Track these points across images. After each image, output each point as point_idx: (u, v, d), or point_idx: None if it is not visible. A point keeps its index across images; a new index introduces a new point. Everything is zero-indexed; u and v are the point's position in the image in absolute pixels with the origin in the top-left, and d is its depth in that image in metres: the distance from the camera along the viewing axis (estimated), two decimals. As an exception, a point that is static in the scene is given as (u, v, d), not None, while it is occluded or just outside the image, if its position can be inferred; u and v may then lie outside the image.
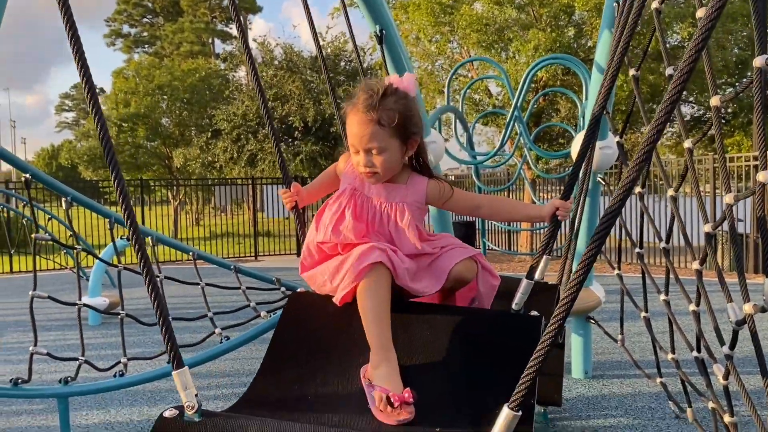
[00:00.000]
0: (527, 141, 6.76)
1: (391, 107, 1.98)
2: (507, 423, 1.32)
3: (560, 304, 1.32)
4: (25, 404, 3.98)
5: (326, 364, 1.90)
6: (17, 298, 8.89)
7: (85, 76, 1.54)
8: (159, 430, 1.46)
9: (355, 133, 2.00)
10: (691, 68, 1.22)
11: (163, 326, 1.52)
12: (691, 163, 2.22)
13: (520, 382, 1.33)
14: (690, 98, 16.38)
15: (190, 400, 1.48)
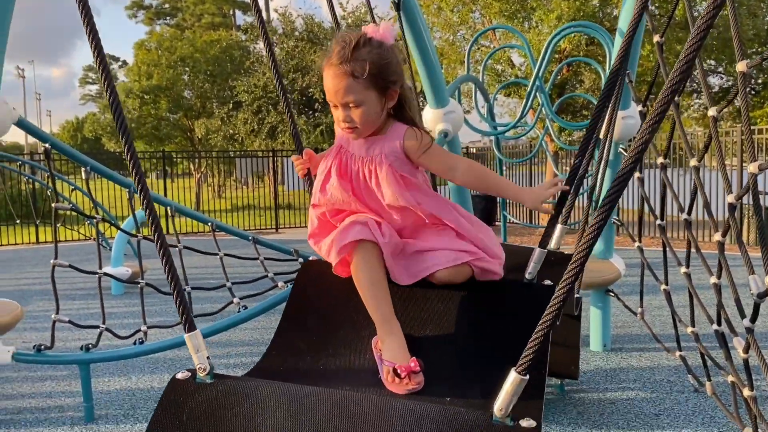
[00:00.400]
0: (549, 112, 6.65)
1: (364, 57, 1.89)
2: (514, 387, 1.31)
3: (568, 270, 1.29)
4: (49, 370, 4.06)
5: (338, 333, 1.91)
6: (42, 268, 9.05)
7: (96, 48, 1.53)
8: (171, 392, 1.48)
9: (330, 87, 1.93)
10: (709, 25, 1.16)
11: (175, 290, 1.54)
12: (715, 133, 2.16)
13: (527, 347, 1.32)
14: (719, 68, 16.01)
15: (202, 363, 1.50)
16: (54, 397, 3.60)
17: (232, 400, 1.43)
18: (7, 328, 3.08)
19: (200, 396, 1.45)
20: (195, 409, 1.42)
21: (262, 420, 1.38)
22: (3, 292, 6.67)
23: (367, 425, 1.34)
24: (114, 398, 3.56)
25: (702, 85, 2.31)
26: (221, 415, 1.40)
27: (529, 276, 2.02)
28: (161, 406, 1.44)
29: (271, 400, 1.42)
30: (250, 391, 1.46)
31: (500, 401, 1.32)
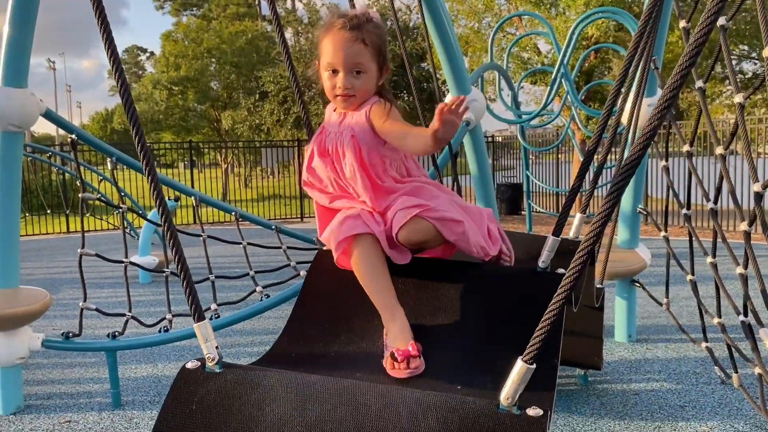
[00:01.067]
0: (574, 99, 6.56)
1: (372, 30, 1.98)
2: (521, 375, 1.31)
3: (575, 258, 1.28)
4: (78, 357, 4.15)
5: (350, 321, 1.92)
6: (72, 257, 9.21)
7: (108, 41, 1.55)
8: (181, 381, 1.50)
9: (336, 51, 1.95)
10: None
11: (184, 280, 1.57)
12: (741, 119, 2.11)
13: (534, 335, 1.31)
14: (753, 54, 15.61)
15: (211, 352, 1.52)
16: (82, 383, 3.68)
17: (240, 390, 1.45)
18: (36, 315, 3.15)
19: (209, 385, 1.47)
20: (204, 398, 1.45)
21: (270, 409, 1.40)
22: (34, 281, 6.83)
23: (372, 414, 1.35)
24: (140, 385, 3.63)
25: (729, 70, 2.26)
26: (230, 404, 1.42)
27: (543, 264, 2.00)
28: (171, 395, 1.47)
29: (279, 389, 1.43)
30: (258, 380, 1.47)
31: (506, 390, 1.31)
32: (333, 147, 2.04)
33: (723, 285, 2.70)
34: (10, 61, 2.99)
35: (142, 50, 60.02)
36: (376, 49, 1.99)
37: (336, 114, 2.12)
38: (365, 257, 1.91)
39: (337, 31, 1.97)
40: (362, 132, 2.00)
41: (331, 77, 2.01)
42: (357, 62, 1.96)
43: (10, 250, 3.20)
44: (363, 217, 1.94)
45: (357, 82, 1.98)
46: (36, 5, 2.96)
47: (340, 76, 1.97)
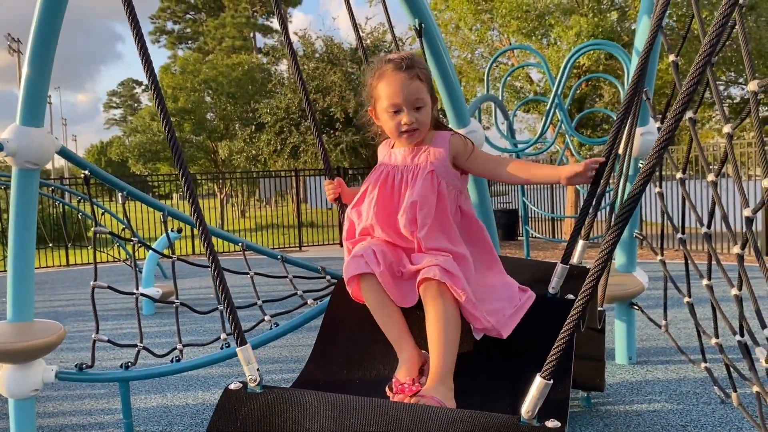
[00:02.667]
0: (568, 128, 6.72)
1: (422, 67, 2.14)
2: (539, 390, 1.42)
3: (586, 282, 1.39)
4: (87, 389, 4.20)
5: (371, 350, 2.01)
6: (74, 290, 9.28)
7: (151, 76, 1.66)
8: (226, 400, 1.61)
9: (397, 92, 2.08)
10: (711, 54, 1.26)
11: (228, 308, 1.70)
12: (730, 149, 2.23)
13: (551, 353, 1.42)
14: (740, 80, 15.92)
15: (253, 374, 1.64)
16: (94, 414, 3.73)
17: (281, 407, 1.54)
18: (51, 348, 3.21)
19: (252, 404, 1.57)
20: (248, 416, 1.55)
21: (309, 425, 1.49)
22: (38, 314, 6.84)
23: (404, 427, 1.45)
24: (151, 415, 3.68)
25: (717, 103, 2.38)
26: (272, 420, 1.52)
27: (552, 290, 2.11)
28: (217, 413, 1.57)
29: (317, 406, 1.53)
30: (297, 399, 1.58)
31: (527, 404, 1.43)
32: (401, 178, 2.15)
33: (719, 306, 2.79)
34: (28, 101, 3.11)
35: (137, 83, 60.55)
36: (428, 83, 2.15)
37: (401, 150, 2.22)
38: (371, 295, 2.04)
39: (392, 74, 2.11)
40: (442, 166, 2.13)
41: (394, 116, 2.13)
42: (417, 98, 2.10)
43: (26, 285, 3.28)
44: (366, 257, 2.04)
45: (419, 116, 2.11)
46: (54, 47, 3.08)
47: (404, 113, 2.10)
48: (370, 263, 2.02)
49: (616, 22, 12.42)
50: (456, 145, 2.17)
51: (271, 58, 25.74)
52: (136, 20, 1.77)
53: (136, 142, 28.75)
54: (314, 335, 5.78)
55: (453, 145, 2.16)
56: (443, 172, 2.12)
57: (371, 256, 2.04)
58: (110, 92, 62.36)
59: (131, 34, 1.78)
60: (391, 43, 19.22)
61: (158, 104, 1.75)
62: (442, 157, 2.14)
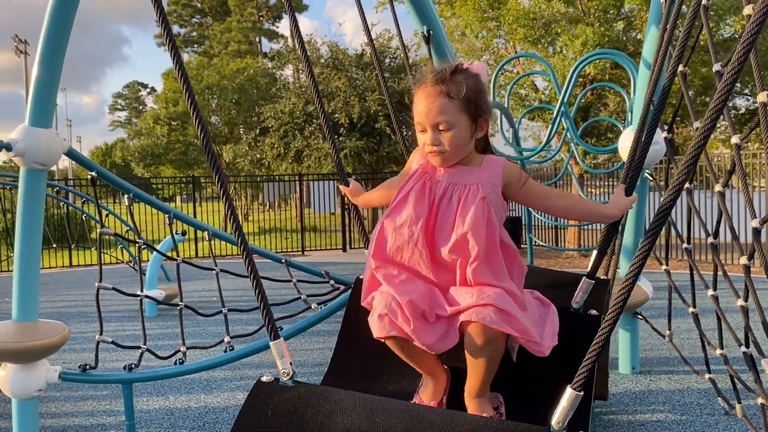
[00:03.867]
0: (574, 136, 6.73)
1: (460, 81, 1.88)
2: (570, 402, 1.45)
3: (616, 298, 1.41)
4: (90, 390, 4.20)
5: (390, 359, 1.97)
6: (77, 291, 9.29)
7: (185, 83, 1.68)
8: (257, 392, 1.63)
9: (421, 109, 1.90)
10: (739, 70, 1.26)
11: (262, 302, 1.73)
12: (738, 159, 2.23)
13: (582, 365, 1.44)
14: (745, 90, 15.92)
15: (285, 368, 1.66)
16: (96, 415, 3.73)
17: (312, 401, 1.57)
18: (55, 348, 3.22)
19: (283, 396, 1.60)
20: (279, 407, 1.58)
21: (341, 419, 1.52)
22: (41, 315, 6.86)
23: (436, 428, 1.47)
24: (153, 417, 3.68)
25: (725, 114, 2.39)
26: (303, 412, 1.54)
27: (576, 305, 2.11)
28: (248, 403, 1.60)
29: (349, 403, 1.56)
30: (328, 393, 1.61)
31: (558, 415, 1.45)
32: (444, 194, 1.94)
33: (724, 316, 2.79)
34: (38, 102, 3.12)
35: (143, 86, 60.78)
36: (465, 100, 1.87)
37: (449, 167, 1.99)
38: (402, 352, 1.88)
39: (423, 87, 1.92)
40: (494, 193, 1.92)
41: (421, 135, 1.95)
42: (440, 119, 1.87)
43: (31, 284, 3.29)
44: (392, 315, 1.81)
45: (444, 139, 1.88)
46: (64, 47, 3.10)
47: (428, 133, 1.91)
48: (398, 323, 1.80)
49: (622, 32, 12.45)
50: (510, 173, 1.96)
51: (277, 62, 25.81)
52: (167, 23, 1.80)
53: (139, 145, 28.87)
54: (317, 339, 5.79)
55: (507, 173, 1.95)
56: (494, 200, 1.91)
57: (398, 313, 1.81)
58: (115, 94, 62.65)
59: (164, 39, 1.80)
60: (397, 49, 19.27)
61: (193, 110, 1.76)
62: (495, 183, 1.93)
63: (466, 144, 1.93)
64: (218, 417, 3.64)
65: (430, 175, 1.98)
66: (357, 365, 2.02)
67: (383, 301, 1.85)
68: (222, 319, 3.87)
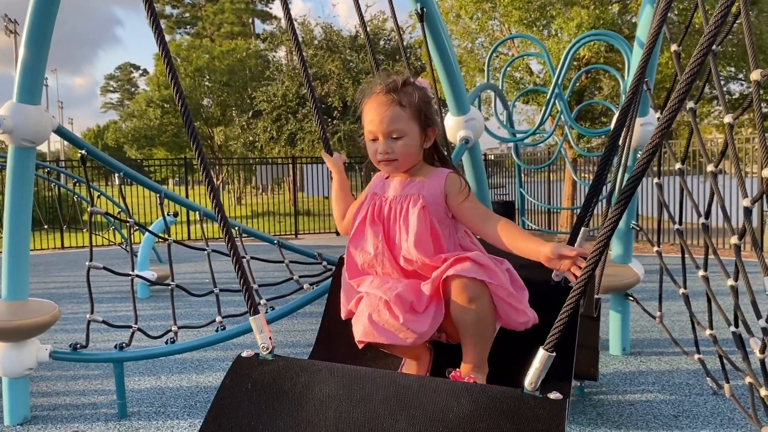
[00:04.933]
0: (568, 119, 6.72)
1: (411, 92, 1.92)
2: (542, 363, 1.45)
3: (588, 259, 1.42)
4: (81, 369, 4.20)
5: None
6: (69, 272, 9.26)
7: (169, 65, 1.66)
8: (238, 366, 1.64)
9: (373, 117, 1.91)
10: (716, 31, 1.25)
11: (242, 278, 1.73)
12: (731, 139, 2.23)
13: (553, 326, 1.44)
14: (740, 75, 15.92)
15: (265, 342, 1.68)
16: (87, 395, 3.73)
17: (291, 373, 1.59)
18: (45, 327, 3.21)
19: (263, 369, 1.61)
20: (259, 380, 1.59)
21: (319, 389, 1.53)
22: (32, 296, 6.85)
23: (412, 393, 1.49)
24: (144, 396, 3.68)
25: (718, 92, 2.38)
26: (282, 384, 1.56)
27: (557, 278, 2.11)
28: (228, 376, 1.62)
29: (327, 374, 1.58)
30: (307, 366, 1.62)
31: (530, 376, 1.46)
32: (390, 210, 1.96)
33: (714, 297, 2.80)
34: (25, 79, 3.09)
35: (135, 67, 60.28)
36: (416, 110, 1.92)
37: (394, 181, 2.02)
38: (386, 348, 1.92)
39: (374, 97, 1.93)
40: (434, 203, 1.93)
41: (372, 144, 1.96)
42: (393, 127, 1.89)
43: (21, 263, 3.27)
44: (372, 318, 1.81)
45: (397, 147, 1.91)
46: (51, 27, 3.06)
47: (380, 141, 1.92)
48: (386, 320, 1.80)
49: (617, 15, 12.38)
50: (452, 184, 1.94)
51: (270, 44, 25.61)
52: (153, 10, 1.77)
53: (131, 127, 28.69)
54: (309, 320, 5.80)
55: (449, 182, 1.94)
56: (435, 210, 1.92)
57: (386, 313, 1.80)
58: (107, 76, 62.09)
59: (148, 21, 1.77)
60: (392, 31, 19.16)
61: (176, 91, 1.74)
62: (435, 193, 1.93)
63: (417, 153, 1.97)
64: (209, 396, 3.65)
65: (379, 195, 2.02)
66: (341, 344, 2.03)
67: (369, 302, 1.85)
68: (213, 301, 3.88)
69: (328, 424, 1.46)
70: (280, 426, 1.48)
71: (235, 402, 1.56)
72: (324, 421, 1.47)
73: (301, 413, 1.50)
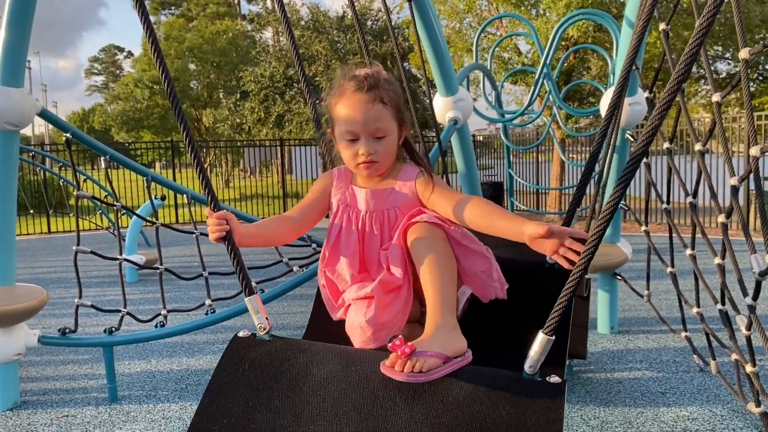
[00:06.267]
0: (556, 99, 6.71)
1: (388, 88, 1.84)
2: (542, 346, 1.46)
3: (587, 243, 1.42)
4: (71, 354, 4.18)
5: None
6: (56, 257, 9.20)
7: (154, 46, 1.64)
8: (234, 346, 1.65)
9: (354, 116, 1.79)
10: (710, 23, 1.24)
11: (235, 259, 1.72)
12: (719, 118, 2.23)
13: (553, 311, 1.46)
14: (726, 54, 15.95)
15: (261, 322, 1.69)
16: (77, 379, 3.72)
17: (289, 353, 1.60)
18: (33, 312, 3.18)
19: (260, 349, 1.62)
20: (256, 360, 1.59)
21: (317, 370, 1.54)
22: (19, 281, 6.80)
23: None
24: (135, 380, 3.67)
25: (706, 71, 2.38)
26: (279, 364, 1.57)
27: (550, 260, 2.11)
28: (225, 356, 1.62)
29: (324, 353, 1.58)
30: (304, 346, 1.63)
31: (529, 360, 1.48)
32: (363, 228, 1.89)
33: (701, 275, 2.83)
34: (7, 62, 3.03)
35: (119, 49, 59.51)
36: (395, 108, 1.84)
37: (362, 191, 1.92)
38: None
39: (351, 94, 1.81)
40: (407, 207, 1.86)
41: (351, 145, 1.84)
42: (378, 125, 1.80)
43: (6, 248, 3.24)
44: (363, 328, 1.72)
45: (379, 147, 1.82)
46: (32, 8, 3.00)
47: (362, 141, 1.81)
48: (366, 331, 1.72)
49: (605, -6, 12.34)
50: (422, 186, 1.88)
51: (256, 25, 25.35)
52: None
53: (119, 110, 28.40)
54: (299, 303, 5.80)
55: (419, 185, 1.89)
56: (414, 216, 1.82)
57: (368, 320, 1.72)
58: (92, 58, 61.24)
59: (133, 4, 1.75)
60: (379, 11, 19.00)
61: (162, 71, 1.71)
62: (410, 200, 1.88)
63: (395, 153, 1.90)
64: (200, 379, 3.65)
65: (351, 207, 1.92)
66: (334, 326, 2.03)
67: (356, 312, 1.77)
68: (203, 284, 3.87)
69: (326, 405, 1.46)
70: (278, 406, 1.49)
71: (233, 382, 1.56)
72: (322, 403, 1.47)
73: (299, 394, 1.50)
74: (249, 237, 1.82)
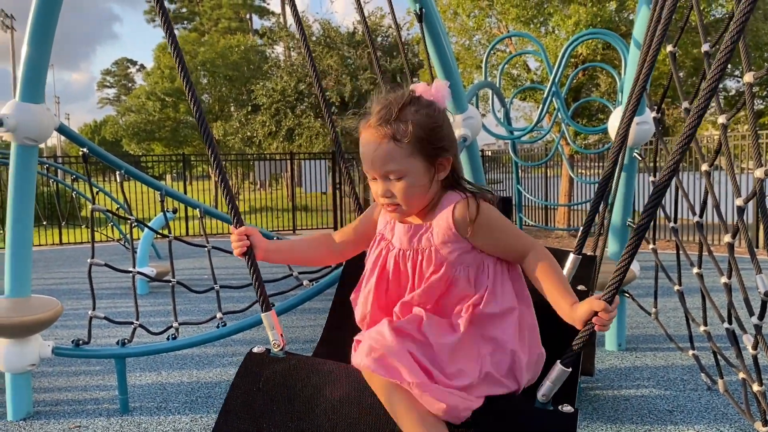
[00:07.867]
0: (565, 116, 6.76)
1: (408, 118, 1.54)
2: (558, 376, 1.50)
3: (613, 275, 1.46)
4: (83, 365, 4.23)
5: None
6: (68, 268, 9.28)
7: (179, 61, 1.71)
8: (249, 362, 1.66)
9: (365, 154, 1.58)
10: (728, 58, 1.29)
11: (254, 274, 1.76)
12: (724, 139, 2.26)
13: (573, 343, 1.50)
14: (735, 72, 15.97)
15: (276, 339, 1.70)
16: (89, 390, 3.77)
17: (303, 373, 1.61)
18: (48, 323, 3.24)
19: (275, 367, 1.64)
20: (270, 378, 1.61)
21: (330, 391, 1.55)
22: (32, 292, 6.87)
23: None
24: (146, 392, 3.71)
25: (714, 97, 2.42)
26: (293, 384, 1.59)
27: None
28: (240, 374, 1.64)
29: (338, 374, 1.59)
30: (318, 365, 1.63)
31: (544, 388, 1.51)
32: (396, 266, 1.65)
33: (708, 294, 2.85)
34: (28, 78, 3.12)
35: (132, 63, 60.13)
36: (416, 141, 1.54)
37: (403, 226, 1.66)
38: None
39: (364, 129, 1.59)
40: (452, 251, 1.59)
41: (373, 183, 1.62)
42: (387, 168, 1.56)
43: (24, 260, 3.30)
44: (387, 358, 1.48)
45: (396, 189, 1.57)
46: (55, 23, 3.08)
47: (378, 183, 1.60)
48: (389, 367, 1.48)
49: (614, 12, 12.40)
50: (459, 218, 1.57)
51: (267, 39, 25.59)
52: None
53: (130, 122, 28.66)
54: (309, 317, 5.82)
55: (457, 217, 1.57)
56: (455, 260, 1.59)
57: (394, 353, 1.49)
58: (104, 71, 61.93)
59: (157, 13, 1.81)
60: (389, 28, 19.16)
61: (186, 85, 1.77)
62: (448, 238, 1.58)
63: (425, 192, 1.60)
64: (210, 392, 3.68)
65: (385, 238, 1.71)
66: (347, 339, 2.06)
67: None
68: (214, 297, 3.91)
69: (338, 429, 1.49)
70: (291, 429, 1.51)
71: (246, 403, 1.58)
72: (334, 427, 1.49)
73: (312, 416, 1.52)
74: (274, 252, 1.78)
